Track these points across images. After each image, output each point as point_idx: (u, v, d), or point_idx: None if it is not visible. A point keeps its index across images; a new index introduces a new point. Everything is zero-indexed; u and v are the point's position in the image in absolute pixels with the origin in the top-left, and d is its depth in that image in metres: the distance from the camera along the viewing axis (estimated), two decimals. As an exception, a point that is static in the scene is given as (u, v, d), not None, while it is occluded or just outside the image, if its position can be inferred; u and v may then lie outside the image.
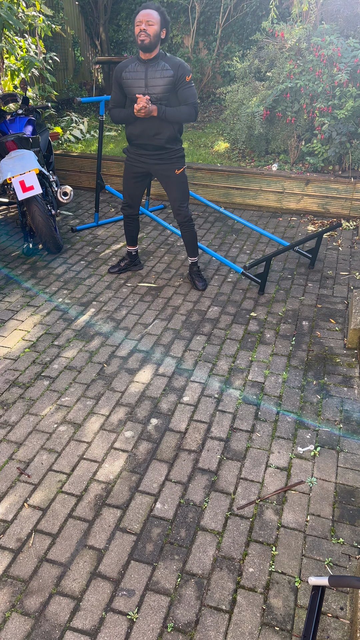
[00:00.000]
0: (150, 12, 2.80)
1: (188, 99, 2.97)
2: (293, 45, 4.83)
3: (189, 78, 2.92)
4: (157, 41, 2.85)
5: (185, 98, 2.96)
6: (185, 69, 2.91)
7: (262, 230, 4.08)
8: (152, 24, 2.80)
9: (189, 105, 2.98)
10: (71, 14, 7.78)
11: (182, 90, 2.95)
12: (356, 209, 4.69)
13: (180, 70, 2.89)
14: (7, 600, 1.68)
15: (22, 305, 3.35)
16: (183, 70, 2.90)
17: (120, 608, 1.66)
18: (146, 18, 2.79)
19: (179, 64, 2.90)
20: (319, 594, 1.45)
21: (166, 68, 2.90)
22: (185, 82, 2.92)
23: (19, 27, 4.55)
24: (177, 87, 2.94)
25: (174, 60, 2.91)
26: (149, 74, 2.91)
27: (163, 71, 2.90)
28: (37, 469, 2.16)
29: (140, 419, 2.43)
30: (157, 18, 2.82)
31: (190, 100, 2.97)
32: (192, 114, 2.99)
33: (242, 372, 2.76)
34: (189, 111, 2.98)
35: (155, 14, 2.81)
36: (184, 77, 2.91)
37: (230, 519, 1.95)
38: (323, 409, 2.50)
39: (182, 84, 2.93)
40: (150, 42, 2.82)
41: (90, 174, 5.48)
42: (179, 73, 2.90)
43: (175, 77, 2.90)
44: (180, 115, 2.97)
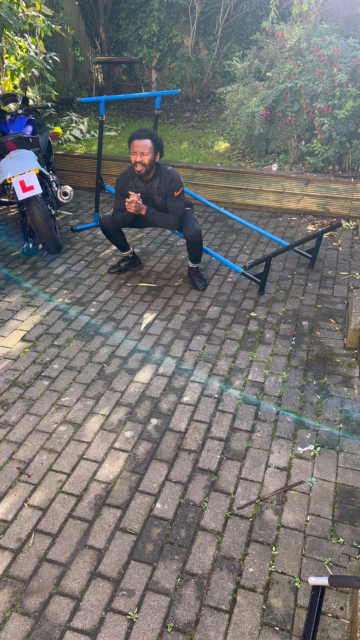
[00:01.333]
0: (144, 142, 3.06)
1: (173, 211, 3.30)
2: (293, 45, 4.83)
3: (177, 193, 3.25)
4: (152, 167, 3.16)
5: (172, 209, 3.30)
6: (175, 185, 3.22)
7: (262, 230, 4.08)
8: (146, 154, 3.08)
9: (174, 216, 3.31)
10: (71, 14, 7.78)
11: (170, 201, 3.28)
12: (356, 209, 4.69)
13: (172, 185, 3.22)
14: (7, 600, 1.68)
15: (22, 305, 3.35)
16: (174, 186, 3.22)
17: (120, 608, 1.66)
18: (140, 150, 3.06)
19: (171, 180, 3.21)
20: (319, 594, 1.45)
21: (160, 187, 3.25)
22: (173, 196, 3.25)
23: (19, 27, 4.55)
24: (167, 197, 3.28)
25: (166, 177, 3.22)
26: (148, 190, 3.29)
27: (158, 189, 3.27)
28: (37, 469, 2.16)
29: (140, 419, 2.43)
30: (151, 147, 3.08)
31: (175, 212, 3.31)
32: (175, 224, 3.33)
33: (242, 372, 2.76)
34: (173, 220, 3.32)
35: (148, 144, 3.07)
36: (173, 192, 3.24)
37: (230, 519, 1.95)
38: (323, 409, 2.50)
39: (171, 197, 3.26)
40: (147, 170, 3.14)
41: (90, 174, 5.48)
42: (170, 188, 3.23)
43: (167, 191, 3.25)
44: (165, 222, 3.32)
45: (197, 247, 3.40)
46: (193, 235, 3.31)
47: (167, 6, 7.52)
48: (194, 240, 3.34)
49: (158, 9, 7.54)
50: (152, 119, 7.09)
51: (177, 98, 7.97)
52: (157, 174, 3.23)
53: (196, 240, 3.34)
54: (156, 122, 4.53)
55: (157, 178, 3.23)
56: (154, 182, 3.24)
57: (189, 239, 3.34)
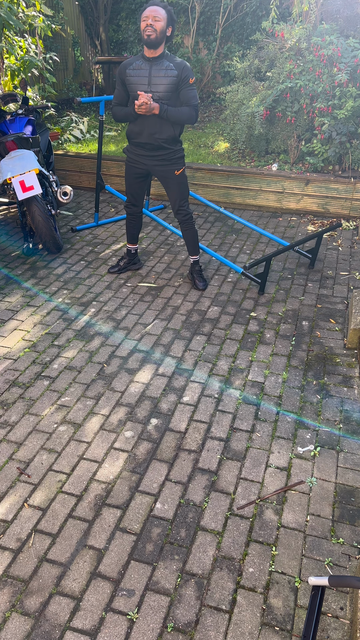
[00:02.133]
0: (158, 8, 2.84)
1: (190, 101, 2.98)
2: (293, 45, 4.83)
3: (192, 80, 2.95)
4: (162, 37, 2.88)
5: (188, 99, 2.98)
6: (189, 71, 2.94)
7: (262, 230, 4.08)
8: (158, 19, 2.82)
9: (190, 107, 3.00)
10: (71, 14, 7.78)
11: (184, 91, 2.96)
12: (356, 209, 4.69)
13: (185, 71, 2.92)
14: (7, 600, 1.68)
15: (22, 305, 3.35)
16: (187, 71, 2.93)
17: (120, 608, 1.66)
18: (153, 14, 2.81)
19: (184, 66, 2.93)
20: (319, 594, 1.45)
21: (170, 68, 2.92)
22: (188, 83, 2.95)
23: (19, 27, 4.55)
24: (179, 87, 2.96)
25: (178, 61, 2.94)
26: (153, 72, 2.93)
27: (167, 70, 2.92)
28: (37, 469, 2.16)
29: (140, 419, 2.43)
30: (164, 15, 2.84)
31: (192, 102, 2.99)
32: (192, 115, 3.01)
33: (242, 372, 2.76)
34: (190, 112, 3.00)
35: (162, 11, 2.84)
36: (188, 79, 2.94)
37: (230, 519, 1.95)
38: (323, 409, 2.50)
39: (185, 85, 2.95)
40: (157, 37, 2.84)
41: (90, 174, 5.48)
42: (183, 74, 2.92)
43: (179, 77, 2.93)
44: (181, 116, 2.99)
45: (191, 230, 3.40)
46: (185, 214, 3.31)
47: (167, 6, 7.52)
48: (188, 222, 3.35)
49: (158, 9, 7.53)
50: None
51: (177, 98, 7.97)
52: (165, 56, 2.95)
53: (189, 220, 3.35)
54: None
55: (164, 59, 2.94)
56: (161, 63, 2.93)
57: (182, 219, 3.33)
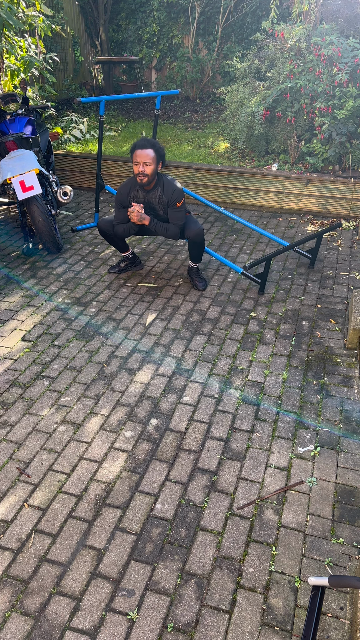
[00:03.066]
0: (147, 152, 3.07)
1: (175, 221, 3.30)
2: (293, 45, 4.83)
3: (179, 204, 3.25)
4: (154, 177, 3.17)
5: (174, 219, 3.30)
6: (177, 197, 3.22)
7: (262, 230, 4.08)
8: (148, 164, 3.08)
9: (175, 226, 3.31)
10: (71, 14, 7.78)
11: (171, 212, 3.28)
12: (356, 209, 4.69)
13: (173, 197, 3.22)
14: (7, 600, 1.68)
15: (22, 305, 3.35)
16: (175, 197, 3.22)
17: (120, 608, 1.66)
18: (143, 160, 3.07)
19: (172, 191, 3.21)
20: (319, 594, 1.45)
21: (162, 197, 3.25)
22: (175, 207, 3.25)
23: (19, 27, 4.55)
24: (169, 208, 3.28)
25: (168, 188, 3.22)
26: (148, 199, 3.28)
27: (159, 200, 3.26)
28: (37, 469, 2.16)
29: (140, 419, 2.43)
30: (153, 156, 3.09)
31: (177, 223, 3.31)
32: (176, 233, 3.34)
33: (242, 372, 2.76)
34: (175, 230, 3.32)
35: (151, 154, 3.08)
36: (175, 203, 3.24)
37: (230, 519, 1.95)
38: (323, 409, 2.50)
39: (172, 208, 3.26)
40: (149, 180, 3.14)
41: (90, 174, 5.48)
42: (172, 199, 3.23)
43: (168, 202, 3.25)
44: (167, 232, 3.33)
45: (199, 246, 3.41)
46: (196, 234, 3.32)
47: (167, 6, 7.52)
48: (197, 240, 3.35)
49: (158, 9, 7.53)
50: (152, 119, 7.09)
51: (177, 98, 7.97)
52: (159, 184, 3.23)
53: (199, 239, 3.35)
54: (156, 122, 4.53)
55: (158, 188, 3.23)
56: (156, 192, 3.24)
57: (192, 238, 3.34)
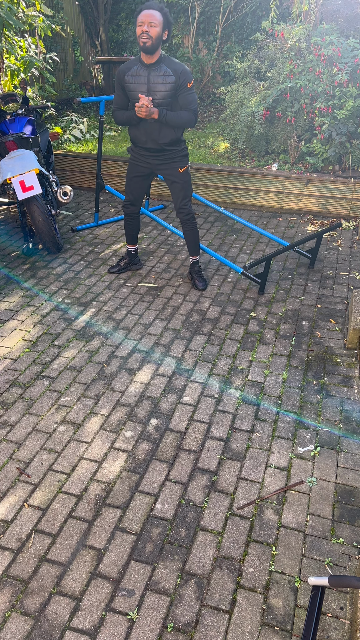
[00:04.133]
0: (153, 12, 2.78)
1: (189, 105, 3.00)
2: (293, 45, 4.83)
3: (190, 84, 2.94)
4: (159, 43, 2.85)
5: (187, 104, 2.99)
6: (187, 75, 2.92)
7: (262, 230, 4.08)
8: (154, 25, 2.78)
9: (189, 111, 3.01)
10: (71, 14, 7.78)
11: (183, 95, 2.97)
12: (356, 209, 4.69)
13: (182, 76, 2.91)
14: (7, 600, 1.68)
15: (22, 305, 3.35)
16: (185, 76, 2.91)
17: (120, 608, 1.66)
18: (148, 19, 2.77)
19: (181, 70, 2.91)
20: (319, 594, 1.45)
21: (168, 73, 2.91)
22: (186, 88, 2.94)
23: (19, 27, 4.55)
24: (178, 92, 2.97)
25: (175, 66, 2.92)
26: (151, 78, 2.93)
27: (165, 77, 2.92)
28: (37, 469, 2.16)
29: (140, 419, 2.43)
30: (160, 19, 2.80)
31: (191, 107, 3.00)
32: (191, 119, 3.03)
33: (242, 372, 2.76)
34: (189, 117, 3.01)
35: (157, 15, 2.79)
36: (186, 84, 2.93)
37: (230, 519, 1.95)
38: (323, 409, 2.50)
39: (183, 90, 2.95)
40: (152, 44, 2.81)
41: (90, 174, 5.48)
42: (181, 79, 2.92)
43: (177, 83, 2.93)
44: (181, 121, 3.00)
45: (193, 230, 3.40)
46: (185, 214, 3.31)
47: (167, 6, 7.52)
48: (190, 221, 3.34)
49: (158, 9, 7.53)
50: (152, 119, 7.08)
51: (177, 98, 7.97)
52: (163, 60, 2.93)
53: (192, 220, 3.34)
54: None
55: (162, 64, 2.92)
56: (159, 69, 2.92)
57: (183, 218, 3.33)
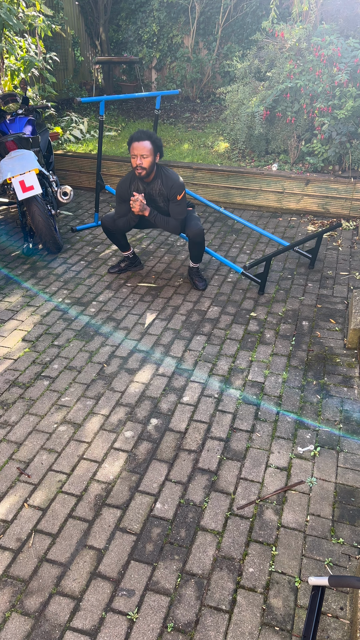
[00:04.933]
0: (144, 144, 3.05)
1: (175, 215, 3.29)
2: (293, 45, 4.83)
3: (179, 197, 3.22)
4: (152, 169, 3.15)
5: (174, 214, 3.29)
6: (177, 189, 3.20)
7: (262, 230, 4.08)
8: (146, 156, 3.07)
9: (176, 220, 3.31)
10: (71, 14, 7.78)
11: (172, 206, 3.27)
12: (356, 209, 4.69)
13: (173, 190, 3.20)
14: (7, 600, 1.68)
15: (22, 305, 3.35)
16: (175, 190, 3.20)
17: (120, 608, 1.66)
18: (140, 152, 3.05)
19: (172, 185, 3.19)
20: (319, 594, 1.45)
21: (162, 189, 3.23)
22: (175, 200, 3.23)
23: (19, 27, 4.55)
24: (169, 201, 3.27)
25: (168, 181, 3.20)
26: (148, 192, 3.27)
27: (159, 192, 3.25)
28: (37, 469, 2.16)
29: (140, 419, 2.43)
30: (150, 148, 3.07)
31: (177, 217, 3.30)
32: (177, 227, 3.33)
33: (242, 372, 2.76)
34: (175, 225, 3.32)
35: (148, 145, 3.06)
36: (175, 197, 3.22)
37: (230, 519, 1.95)
38: (323, 409, 2.50)
39: (173, 201, 3.25)
40: (147, 173, 3.13)
41: (90, 174, 5.48)
42: (171, 193, 3.21)
43: (169, 195, 3.23)
44: (166, 226, 3.32)
45: (199, 246, 3.40)
46: (196, 234, 3.32)
47: (167, 6, 7.52)
48: (196, 239, 3.35)
49: (158, 9, 7.53)
50: (152, 119, 7.09)
51: (177, 98, 7.97)
52: (158, 176, 3.22)
53: (199, 239, 3.35)
54: (156, 122, 4.53)
55: (158, 180, 3.23)
56: (155, 184, 3.23)
57: (192, 238, 3.34)
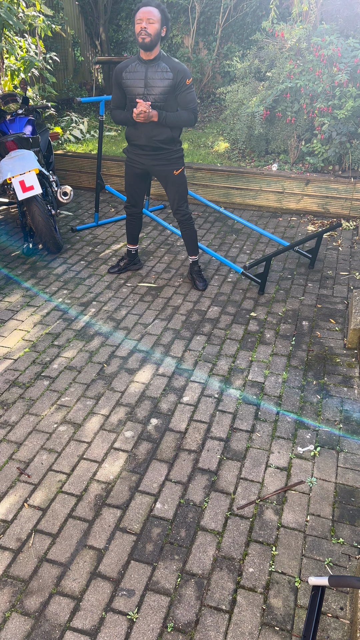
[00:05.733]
0: (151, 9, 2.78)
1: (188, 104, 2.98)
2: (293, 45, 4.83)
3: (189, 82, 2.92)
4: (157, 40, 2.84)
5: (186, 103, 2.98)
6: (185, 73, 2.90)
7: (262, 230, 4.08)
8: (152, 22, 2.78)
9: (188, 110, 3.00)
10: (71, 14, 7.78)
11: (182, 94, 2.95)
12: (356, 209, 4.69)
13: (180, 74, 2.89)
14: (7, 600, 1.68)
15: (22, 305, 3.35)
16: (183, 74, 2.89)
17: (120, 608, 1.66)
18: (147, 16, 2.77)
19: (179, 68, 2.90)
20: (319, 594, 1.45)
21: (166, 70, 2.90)
22: (185, 85, 2.92)
23: (19, 27, 4.55)
24: (176, 90, 2.95)
25: (174, 63, 2.91)
26: (148, 74, 2.91)
27: (163, 73, 2.90)
28: (37, 469, 2.16)
29: (140, 419, 2.43)
30: (158, 16, 2.80)
31: (190, 106, 2.99)
32: (191, 119, 3.02)
33: (242, 372, 2.76)
34: (189, 116, 3.00)
35: (155, 12, 2.79)
36: (184, 81, 2.90)
37: (230, 519, 1.95)
38: (323, 409, 2.50)
39: (182, 88, 2.93)
40: (151, 40, 2.81)
41: (90, 174, 5.48)
42: (179, 77, 2.89)
43: (175, 80, 2.91)
44: (180, 121, 2.99)
45: (191, 229, 3.40)
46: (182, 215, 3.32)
47: (167, 6, 7.52)
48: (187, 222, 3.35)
49: (158, 9, 7.53)
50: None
51: (177, 98, 7.97)
52: (161, 57, 2.92)
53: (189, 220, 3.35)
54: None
55: (160, 61, 2.91)
56: (157, 65, 2.90)
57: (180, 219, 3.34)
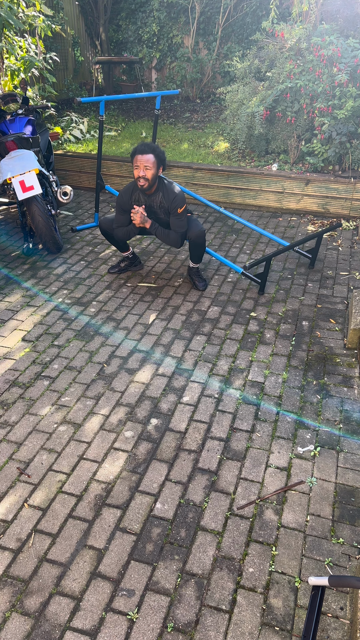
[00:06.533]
0: (147, 157, 3.05)
1: (176, 228, 3.28)
2: (293, 45, 4.83)
3: (180, 210, 3.20)
4: (154, 181, 3.15)
5: (175, 227, 3.27)
6: (177, 203, 3.18)
7: (262, 230, 4.08)
8: (149, 168, 3.06)
9: (176, 233, 3.29)
10: (71, 14, 7.78)
11: (172, 219, 3.26)
12: (356, 209, 4.69)
13: (174, 203, 3.19)
14: (7, 600, 1.68)
15: (22, 305, 3.35)
16: (176, 203, 3.18)
17: (120, 608, 1.66)
18: (144, 164, 3.05)
19: (173, 198, 3.18)
20: (319, 594, 1.45)
21: (162, 202, 3.23)
22: (176, 213, 3.21)
23: (19, 27, 4.55)
24: (170, 214, 3.25)
25: (169, 194, 3.19)
26: (149, 204, 3.27)
27: (160, 205, 3.25)
28: (37, 469, 2.16)
29: (140, 419, 2.43)
30: (154, 161, 3.07)
31: (178, 230, 3.28)
32: (177, 241, 3.30)
33: (242, 372, 2.76)
34: (175, 238, 3.29)
35: (151, 158, 3.06)
36: (176, 210, 3.20)
37: (230, 519, 1.95)
38: (323, 409, 2.50)
39: (173, 215, 3.23)
40: (149, 185, 3.12)
41: (90, 174, 5.48)
42: (172, 206, 3.20)
43: (169, 208, 3.22)
44: (167, 239, 3.30)
45: (200, 247, 3.40)
46: (197, 235, 3.32)
47: (167, 6, 7.52)
48: (198, 241, 3.35)
49: (158, 9, 7.54)
50: (152, 119, 7.09)
51: (177, 98, 7.97)
52: (160, 189, 3.22)
53: (200, 240, 3.35)
54: (156, 122, 4.53)
55: (159, 192, 3.22)
56: (157, 197, 3.23)
57: (194, 239, 3.34)
